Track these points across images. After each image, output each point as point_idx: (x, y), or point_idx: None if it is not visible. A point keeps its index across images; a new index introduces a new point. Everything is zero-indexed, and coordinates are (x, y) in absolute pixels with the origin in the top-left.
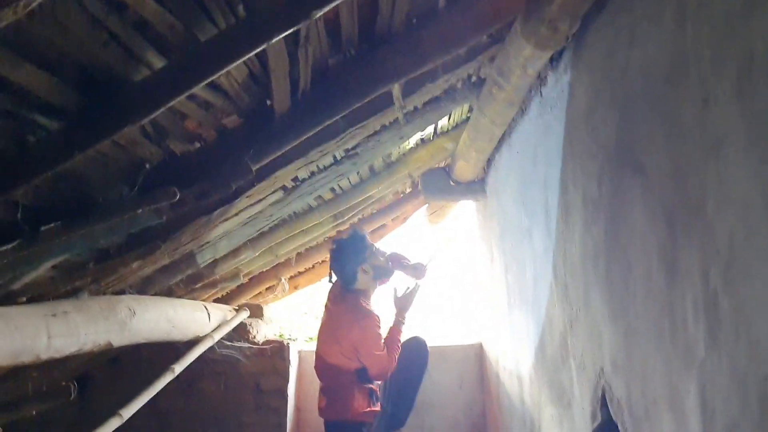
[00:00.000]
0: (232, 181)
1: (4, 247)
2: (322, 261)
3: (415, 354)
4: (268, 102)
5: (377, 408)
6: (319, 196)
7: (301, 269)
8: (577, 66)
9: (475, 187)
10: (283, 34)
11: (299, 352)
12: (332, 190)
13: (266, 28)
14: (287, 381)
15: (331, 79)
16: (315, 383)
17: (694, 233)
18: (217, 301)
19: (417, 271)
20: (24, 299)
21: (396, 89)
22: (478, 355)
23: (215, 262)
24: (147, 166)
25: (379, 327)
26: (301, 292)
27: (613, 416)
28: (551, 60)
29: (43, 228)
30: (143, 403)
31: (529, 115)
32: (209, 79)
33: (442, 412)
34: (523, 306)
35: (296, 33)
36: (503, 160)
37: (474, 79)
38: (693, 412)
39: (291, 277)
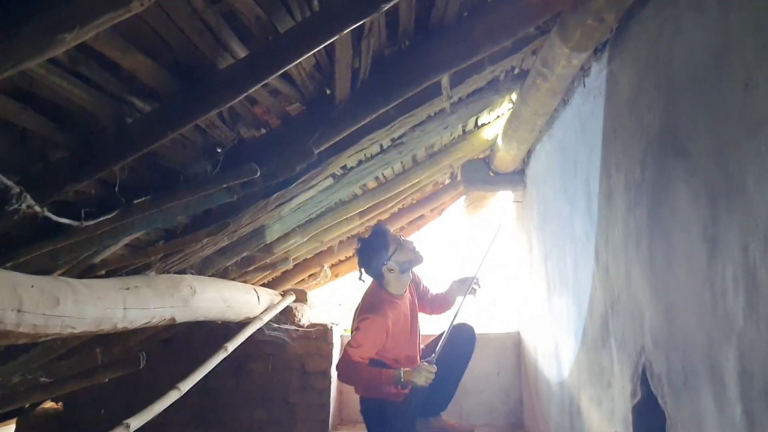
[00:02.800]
0: (296, 163)
1: (105, 216)
2: None
3: (463, 340)
4: (327, 90)
5: (405, 390)
6: (364, 185)
7: (342, 257)
8: (621, 56)
9: (515, 178)
10: (354, 26)
11: (341, 336)
12: (376, 178)
13: (339, 20)
14: (330, 363)
15: (387, 68)
16: None
17: (735, 210)
18: (263, 286)
19: (468, 285)
20: (103, 272)
21: (445, 79)
22: (515, 343)
23: (267, 246)
24: (218, 150)
25: (383, 334)
26: (341, 280)
27: (653, 391)
28: (595, 51)
29: (135, 201)
30: (199, 379)
31: (571, 105)
32: (287, 67)
33: (479, 398)
34: (564, 292)
35: (361, 25)
36: (544, 150)
37: (516, 70)
38: (731, 379)
39: (332, 265)
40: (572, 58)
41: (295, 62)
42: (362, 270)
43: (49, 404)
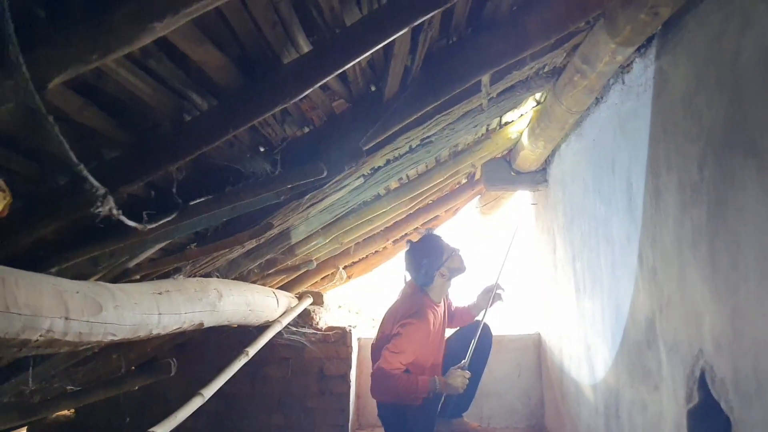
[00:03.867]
0: (345, 163)
1: (165, 219)
2: (376, 251)
3: (481, 342)
4: (373, 87)
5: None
6: (387, 186)
7: (356, 259)
8: (673, 51)
9: (537, 177)
10: (424, 18)
11: (359, 339)
12: (399, 179)
13: (408, 12)
14: (350, 367)
15: (435, 64)
16: None
17: None
18: (279, 288)
19: (491, 294)
20: (138, 277)
21: (486, 76)
22: (536, 345)
23: (291, 248)
24: (261, 149)
25: (427, 339)
26: (354, 283)
27: (715, 396)
28: (638, 47)
29: (192, 202)
30: (221, 384)
31: (606, 103)
32: (353, 62)
33: (499, 400)
34: (596, 293)
35: None
36: (571, 149)
37: (547, 68)
38: None
39: (345, 267)
40: (617, 54)
41: (362, 57)
42: (409, 273)
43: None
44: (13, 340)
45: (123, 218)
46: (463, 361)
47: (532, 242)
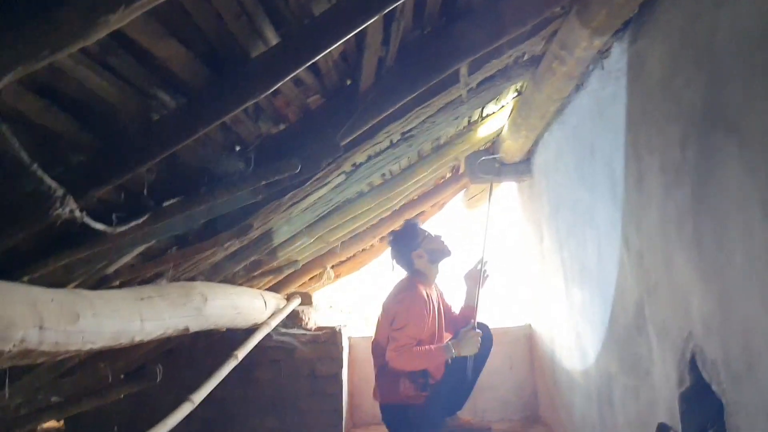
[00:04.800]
0: (322, 159)
1: (136, 221)
2: (363, 249)
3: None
4: (348, 81)
5: (425, 393)
6: (370, 182)
7: (343, 258)
8: (649, 34)
9: (521, 168)
10: (394, 5)
11: (349, 338)
12: (382, 175)
13: (377, 1)
14: (341, 366)
15: (410, 55)
16: (366, 369)
17: None
18: (267, 290)
19: (478, 274)
20: (117, 283)
21: (464, 66)
22: (527, 336)
23: (274, 249)
24: (237, 147)
25: (424, 311)
26: (342, 282)
27: (706, 378)
28: (616, 31)
29: (164, 204)
30: (211, 389)
31: (586, 90)
32: (324, 52)
33: (493, 394)
34: (585, 282)
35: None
36: (554, 137)
37: (527, 56)
38: None
39: (333, 266)
40: (594, 39)
41: (333, 47)
42: (394, 261)
43: (48, 423)
44: None
45: (88, 220)
46: (471, 322)
47: (518, 234)
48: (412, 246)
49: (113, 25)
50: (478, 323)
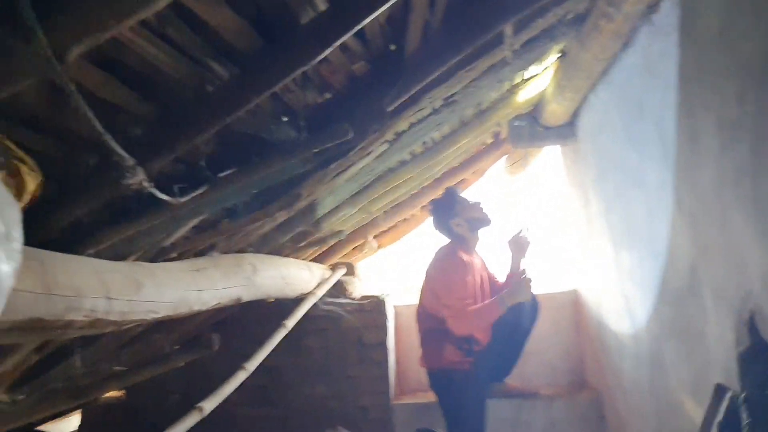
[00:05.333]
0: (368, 126)
1: (196, 192)
2: (405, 219)
3: (526, 309)
4: (392, 46)
5: (470, 358)
6: (412, 150)
7: (385, 227)
8: None
9: (565, 131)
10: None
11: (394, 306)
12: (423, 143)
13: None
14: (386, 334)
15: (454, 17)
16: (412, 336)
17: None
18: (312, 261)
19: (522, 240)
20: (174, 255)
21: (508, 27)
22: (573, 302)
23: (319, 220)
24: (284, 118)
25: (467, 274)
26: (385, 252)
27: (765, 338)
28: None
29: (220, 174)
30: (263, 357)
31: (633, 47)
32: (371, 17)
33: (539, 358)
34: (634, 245)
35: None
36: (600, 98)
37: (570, 15)
38: None
39: (375, 236)
40: None
41: (381, 10)
42: (435, 229)
43: (110, 393)
44: (56, 321)
45: (154, 191)
46: (521, 270)
47: (563, 198)
48: (451, 214)
49: None
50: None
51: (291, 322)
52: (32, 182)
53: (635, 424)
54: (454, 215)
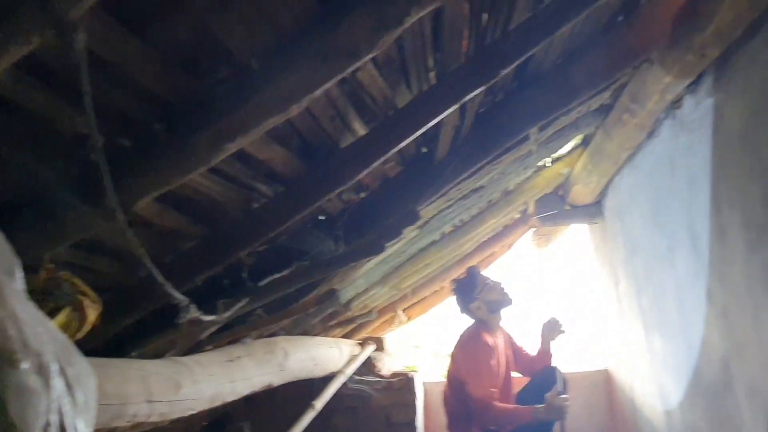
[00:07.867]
0: (401, 226)
1: (239, 304)
2: (434, 292)
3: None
4: (424, 149)
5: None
6: (442, 231)
7: (414, 301)
8: (726, 89)
9: (592, 210)
10: (472, 94)
11: (424, 383)
12: (453, 224)
13: (455, 91)
14: (415, 413)
15: (484, 122)
16: (441, 415)
17: None
18: (342, 336)
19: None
20: (210, 347)
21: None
22: (605, 381)
23: (349, 301)
24: (321, 218)
25: (491, 358)
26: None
27: None
28: (689, 84)
29: (260, 283)
30: None
31: (659, 137)
32: (406, 141)
33: None
34: (666, 331)
35: None
36: (626, 181)
37: (596, 106)
38: None
39: (404, 309)
40: (666, 94)
41: (416, 134)
42: (459, 312)
43: None
44: (100, 430)
45: (203, 317)
46: (554, 387)
47: (592, 276)
48: (470, 298)
49: (233, 149)
50: (550, 366)
51: (320, 404)
52: (93, 313)
53: None
54: (474, 299)
